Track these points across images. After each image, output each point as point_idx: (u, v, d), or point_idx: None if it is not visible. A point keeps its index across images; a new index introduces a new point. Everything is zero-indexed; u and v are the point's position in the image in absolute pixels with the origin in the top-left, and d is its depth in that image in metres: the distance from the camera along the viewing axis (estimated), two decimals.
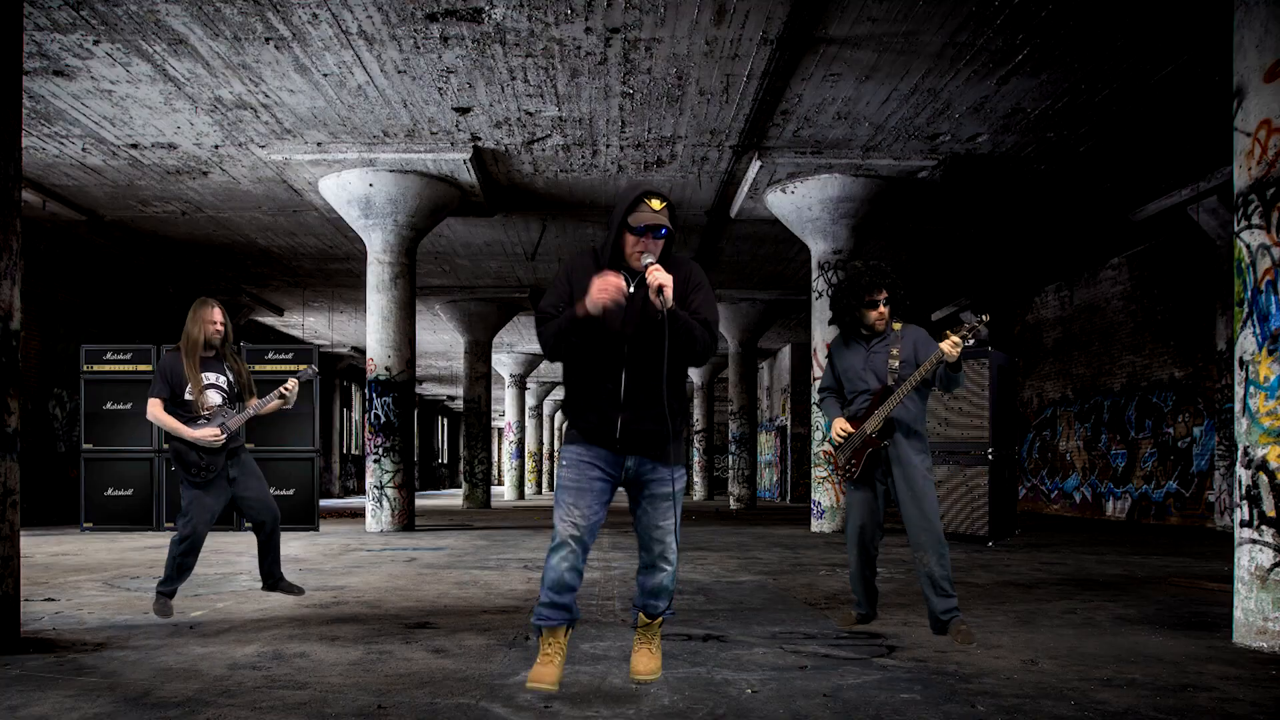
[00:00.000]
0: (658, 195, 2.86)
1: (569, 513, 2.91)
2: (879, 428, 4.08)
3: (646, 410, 2.91)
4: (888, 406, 4.05)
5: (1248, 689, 3.33)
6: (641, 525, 3.02)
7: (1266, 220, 4.13)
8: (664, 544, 3.00)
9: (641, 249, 2.86)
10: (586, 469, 2.94)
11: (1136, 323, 14.47)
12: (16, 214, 4.16)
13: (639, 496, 3.01)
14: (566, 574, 2.89)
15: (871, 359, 4.20)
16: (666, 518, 2.99)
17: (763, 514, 17.41)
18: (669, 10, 7.21)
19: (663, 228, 2.84)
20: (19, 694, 3.20)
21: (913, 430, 4.10)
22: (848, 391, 4.32)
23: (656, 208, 2.86)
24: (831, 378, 4.43)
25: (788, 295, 18.15)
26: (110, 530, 11.13)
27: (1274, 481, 4.02)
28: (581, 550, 2.91)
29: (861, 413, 4.19)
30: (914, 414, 4.11)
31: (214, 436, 4.62)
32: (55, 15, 7.21)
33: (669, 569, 3.04)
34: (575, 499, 2.92)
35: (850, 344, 4.29)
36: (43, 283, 13.36)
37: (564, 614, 2.93)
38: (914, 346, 4.13)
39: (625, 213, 2.88)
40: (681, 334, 2.82)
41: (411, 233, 11.30)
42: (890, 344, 4.15)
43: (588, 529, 2.91)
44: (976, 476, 9.60)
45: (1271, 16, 4.11)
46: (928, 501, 4.03)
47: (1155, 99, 8.83)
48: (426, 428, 43.99)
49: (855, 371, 4.23)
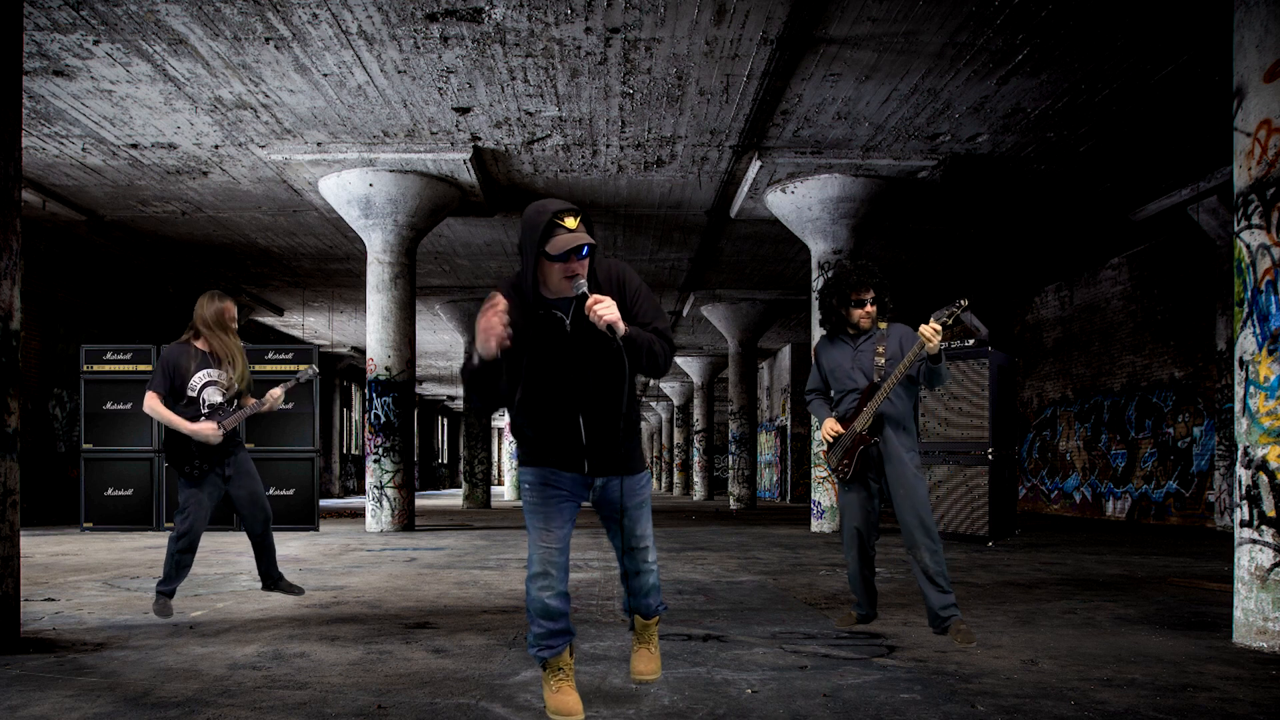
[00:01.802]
0: (569, 212, 2.64)
1: (542, 538, 2.81)
2: (869, 424, 4.09)
3: (609, 435, 2.81)
4: (875, 402, 4.05)
5: (1248, 689, 3.33)
6: (620, 536, 2.96)
7: (1266, 220, 4.13)
8: (644, 547, 2.97)
9: (569, 274, 2.65)
10: (550, 491, 2.83)
11: (1136, 323, 14.47)
12: (16, 214, 4.16)
13: (612, 512, 2.92)
14: (551, 600, 2.79)
15: (859, 357, 4.20)
16: (642, 525, 2.94)
17: (763, 514, 17.41)
18: (669, 10, 7.21)
19: (584, 245, 2.62)
20: (19, 694, 3.20)
21: (901, 426, 4.10)
22: (835, 391, 4.32)
23: (572, 226, 2.63)
24: (818, 378, 4.42)
25: (788, 295, 18.16)
26: (110, 530, 11.14)
27: (1274, 481, 4.02)
28: (561, 574, 2.81)
29: (850, 412, 4.19)
30: (902, 410, 4.11)
31: (211, 431, 4.60)
32: (55, 15, 7.21)
33: (652, 568, 3.02)
34: (545, 522, 2.82)
35: (837, 343, 4.29)
36: (43, 283, 13.36)
37: (563, 639, 2.84)
38: (900, 343, 4.14)
39: (540, 242, 2.64)
40: (644, 358, 2.69)
41: (411, 233, 11.30)
42: (876, 342, 4.16)
43: (562, 549, 2.83)
44: (976, 476, 9.60)
45: (1271, 16, 4.11)
46: (919, 497, 4.04)
47: (1155, 99, 8.83)
48: (426, 428, 43.98)
49: (843, 370, 4.23)
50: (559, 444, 2.81)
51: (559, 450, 2.82)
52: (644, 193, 11.71)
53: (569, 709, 2.77)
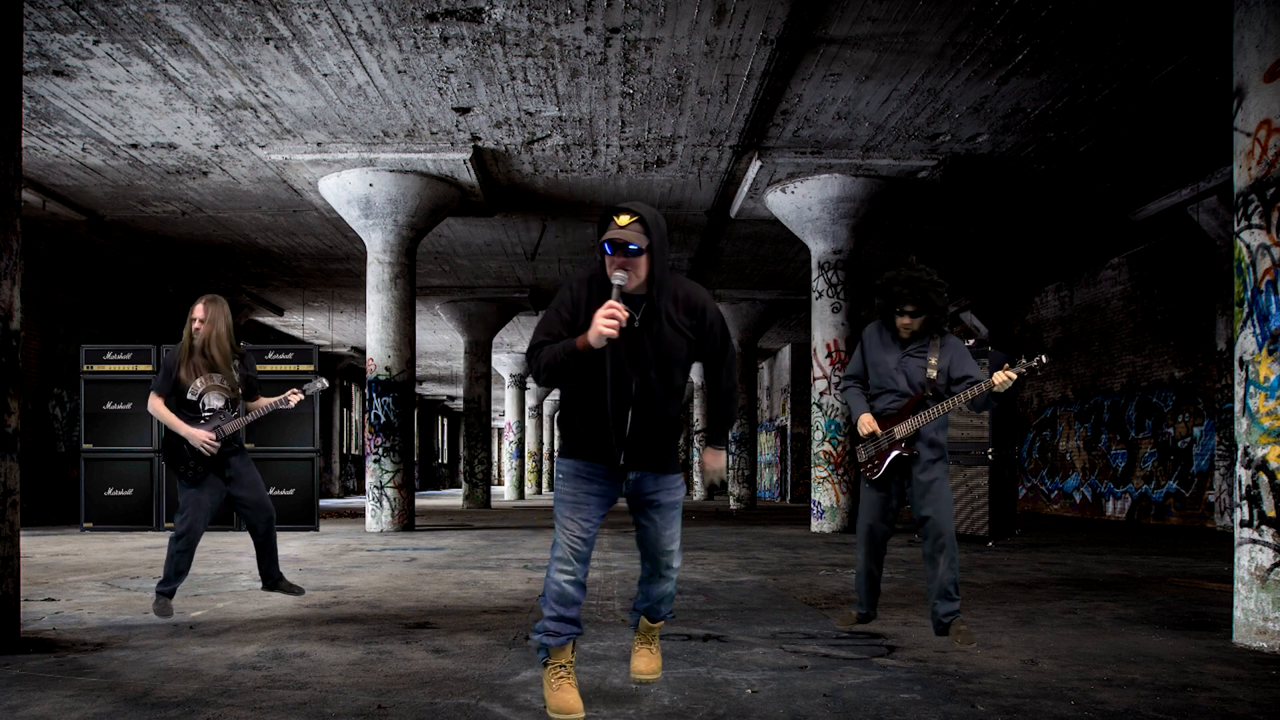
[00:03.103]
0: (625, 210, 2.71)
1: (569, 527, 2.85)
2: (909, 435, 4.07)
3: (653, 431, 2.86)
4: (922, 419, 4.03)
5: (1248, 689, 3.33)
6: (648, 536, 2.97)
7: (1266, 220, 4.12)
8: (670, 553, 2.98)
9: (615, 267, 2.68)
10: (584, 483, 2.88)
11: (1136, 323, 14.47)
12: (16, 214, 4.16)
13: (644, 509, 2.95)
14: (569, 586, 2.83)
15: (905, 362, 4.15)
16: (672, 527, 2.97)
17: (763, 514, 17.41)
18: (669, 10, 7.21)
19: (630, 244, 2.66)
20: (19, 694, 3.20)
21: (935, 440, 4.10)
22: (873, 385, 4.28)
23: (622, 223, 2.69)
24: (860, 366, 4.35)
25: (788, 295, 18.16)
26: (110, 530, 11.13)
27: (1274, 481, 4.02)
28: (583, 564, 2.85)
29: (890, 413, 4.16)
30: (939, 424, 4.12)
31: (207, 440, 4.59)
32: (55, 15, 7.21)
33: (673, 576, 3.04)
34: (573, 512, 2.86)
35: (885, 337, 4.23)
36: (43, 283, 13.36)
37: (571, 629, 2.86)
38: (950, 360, 4.09)
39: (599, 232, 2.73)
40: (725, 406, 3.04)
41: (411, 233, 11.30)
42: (930, 352, 4.11)
43: (586, 541, 2.86)
44: (976, 476, 9.60)
45: (1271, 16, 4.11)
46: (946, 507, 4.03)
47: (1155, 99, 8.83)
48: (426, 428, 43.99)
49: (887, 369, 4.19)
50: (604, 435, 2.85)
51: (602, 442, 2.85)
52: (644, 193, 11.70)
53: (569, 707, 2.78)
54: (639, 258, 2.70)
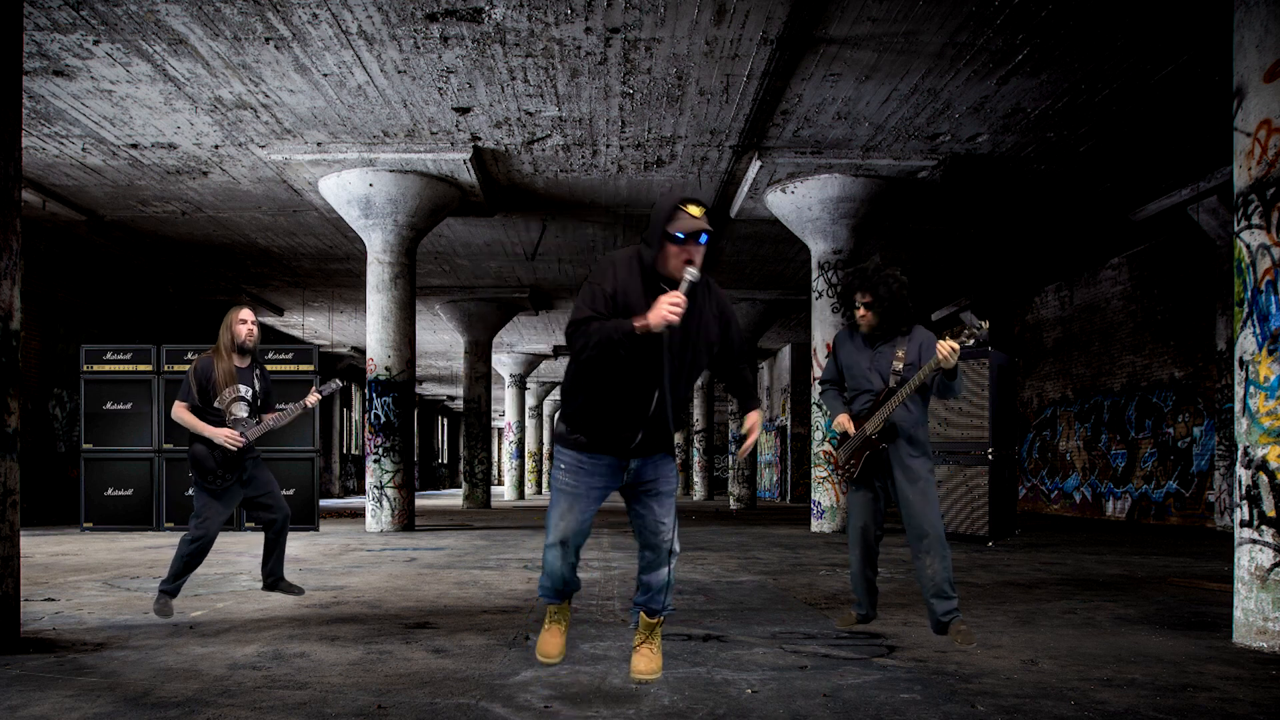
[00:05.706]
0: (696, 201, 2.86)
1: (565, 517, 3.00)
2: (879, 429, 4.07)
3: (663, 420, 2.96)
4: (888, 408, 4.03)
5: (1248, 689, 3.33)
6: (645, 522, 3.05)
7: (1266, 220, 4.13)
8: (669, 537, 3.05)
9: (686, 258, 2.81)
10: (586, 476, 2.98)
11: (1136, 323, 14.47)
12: (16, 214, 4.16)
13: (641, 497, 3.04)
14: (564, 569, 3.06)
15: (877, 359, 4.16)
16: (669, 513, 3.06)
17: (763, 514, 17.41)
18: (669, 10, 7.21)
19: (703, 233, 2.82)
20: (19, 694, 3.20)
21: (913, 435, 4.07)
22: (849, 388, 4.30)
23: (697, 214, 2.83)
24: (834, 370, 4.39)
25: (788, 295, 18.15)
26: (110, 530, 11.13)
27: (1274, 481, 4.02)
28: (575, 551, 3.06)
29: (864, 412, 4.18)
30: (915, 418, 4.08)
31: (230, 436, 4.69)
32: (55, 15, 7.21)
33: (673, 562, 3.09)
34: (571, 503, 3.00)
35: (856, 339, 4.26)
36: (43, 283, 13.36)
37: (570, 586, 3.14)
38: (919, 350, 4.09)
39: (665, 222, 2.84)
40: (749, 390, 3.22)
41: (411, 233, 11.30)
42: (897, 345, 4.12)
43: (580, 531, 3.03)
44: (976, 476, 9.60)
45: (1271, 16, 4.11)
46: (930, 505, 4.02)
47: (1155, 99, 8.83)
48: (426, 428, 43.99)
49: (860, 370, 4.21)
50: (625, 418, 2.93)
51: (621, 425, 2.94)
52: (644, 193, 11.70)
53: (549, 651, 3.16)
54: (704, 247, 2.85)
